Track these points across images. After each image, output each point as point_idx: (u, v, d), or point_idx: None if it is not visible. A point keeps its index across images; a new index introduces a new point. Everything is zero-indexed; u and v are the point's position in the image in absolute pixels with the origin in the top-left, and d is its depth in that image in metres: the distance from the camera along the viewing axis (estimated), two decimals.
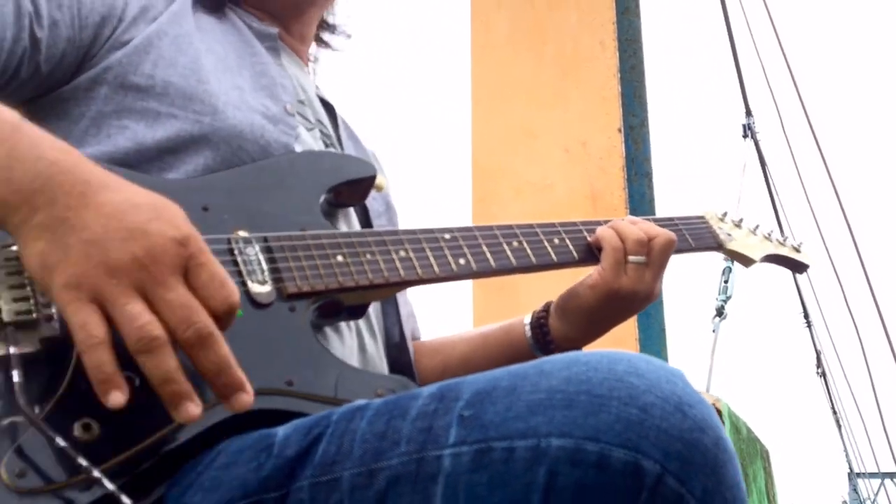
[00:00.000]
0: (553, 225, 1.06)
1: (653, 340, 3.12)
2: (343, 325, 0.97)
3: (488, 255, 0.98)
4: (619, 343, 2.54)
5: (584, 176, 2.77)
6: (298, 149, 0.98)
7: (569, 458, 0.62)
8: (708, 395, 2.75)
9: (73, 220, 0.66)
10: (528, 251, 1.01)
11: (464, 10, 3.02)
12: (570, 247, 1.05)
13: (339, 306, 0.90)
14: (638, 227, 1.06)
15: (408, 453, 0.66)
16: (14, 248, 0.74)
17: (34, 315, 0.71)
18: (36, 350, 0.70)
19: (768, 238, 1.33)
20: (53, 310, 0.73)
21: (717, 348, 5.14)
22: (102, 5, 0.92)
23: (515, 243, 1.01)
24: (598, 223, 1.09)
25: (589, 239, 1.07)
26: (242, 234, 0.86)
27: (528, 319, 1.12)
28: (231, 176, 0.92)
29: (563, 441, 0.62)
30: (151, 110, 0.90)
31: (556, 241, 1.05)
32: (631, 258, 1.04)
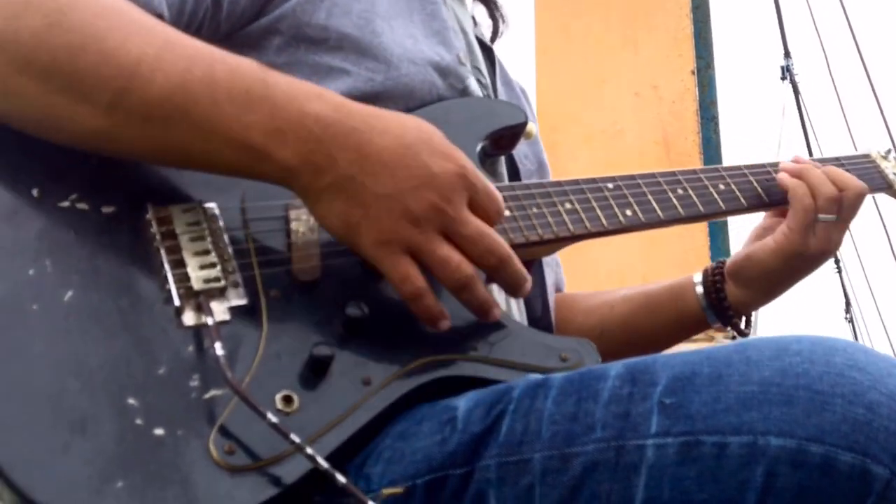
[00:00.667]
0: (717, 170, 1.00)
1: None
2: (494, 287, 0.93)
3: (654, 204, 0.92)
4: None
5: (656, 120, 2.69)
6: None
7: (790, 459, 0.59)
8: None
9: (360, 176, 0.68)
10: (695, 198, 0.95)
11: None
12: (738, 193, 0.99)
13: None
14: (829, 179, 0.96)
15: (605, 440, 0.63)
16: (192, 212, 0.70)
17: (223, 282, 0.67)
18: (227, 319, 0.67)
19: None
20: (239, 276, 0.69)
21: None
22: None
23: (680, 190, 0.95)
24: (763, 167, 1.02)
25: (776, 177, 0.98)
26: None
27: (698, 279, 1.04)
28: None
29: (783, 440, 0.59)
30: (323, 65, 0.85)
31: (722, 186, 0.99)
32: (821, 217, 0.95)
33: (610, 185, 0.90)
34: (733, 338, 1.08)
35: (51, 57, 0.65)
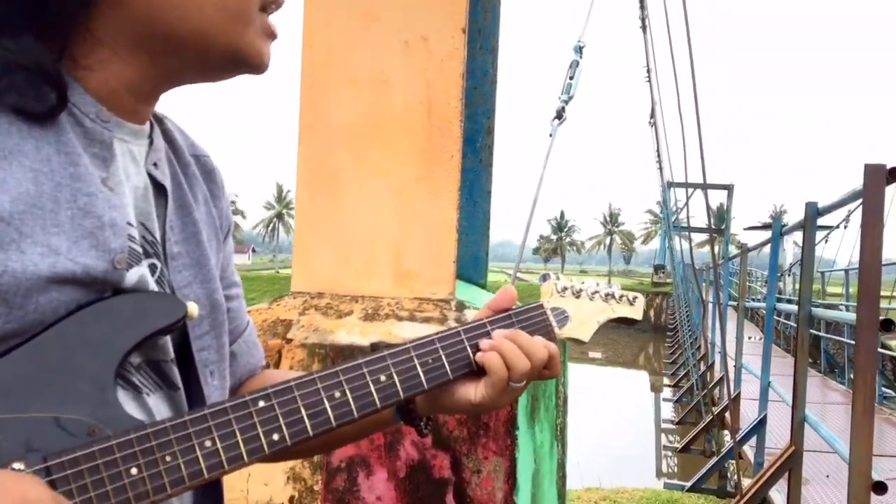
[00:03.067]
0: (382, 357, 0.96)
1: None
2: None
3: (307, 421, 0.87)
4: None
5: (422, 77, 2.61)
6: None
7: None
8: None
9: None
10: (351, 401, 0.91)
11: None
12: (398, 386, 0.96)
13: None
14: (520, 352, 1.03)
15: None
16: None
17: None
18: None
19: (605, 300, 1.28)
20: None
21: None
22: None
23: (338, 394, 0.91)
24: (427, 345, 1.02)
25: (476, 357, 1.03)
26: (18, 466, 0.72)
27: None
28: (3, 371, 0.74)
29: None
30: None
31: (383, 378, 0.96)
32: (513, 384, 1.04)
33: (261, 404, 0.85)
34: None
35: None
